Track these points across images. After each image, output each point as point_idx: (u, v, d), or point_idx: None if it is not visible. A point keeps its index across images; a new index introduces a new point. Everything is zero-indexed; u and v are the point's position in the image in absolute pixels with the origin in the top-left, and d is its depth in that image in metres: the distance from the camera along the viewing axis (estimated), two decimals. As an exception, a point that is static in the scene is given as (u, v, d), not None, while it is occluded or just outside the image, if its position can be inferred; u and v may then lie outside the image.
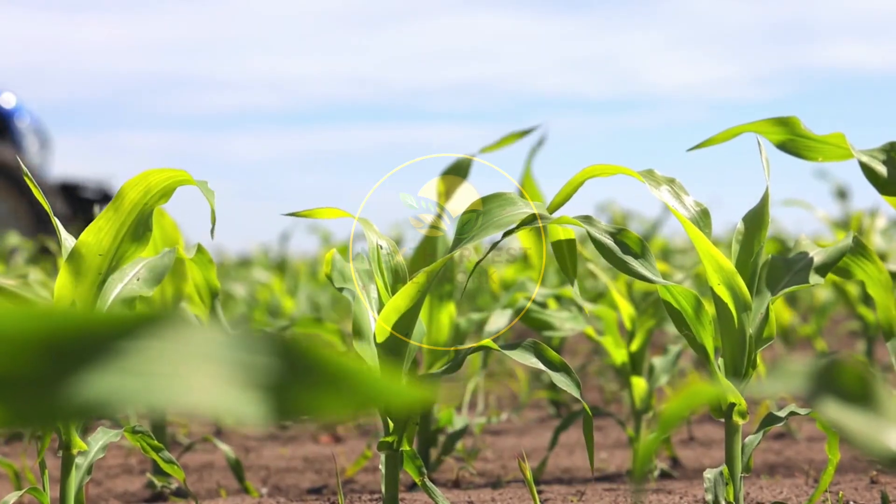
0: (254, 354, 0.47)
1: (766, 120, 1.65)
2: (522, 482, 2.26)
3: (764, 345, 1.56)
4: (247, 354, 0.47)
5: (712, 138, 1.68)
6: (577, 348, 4.91)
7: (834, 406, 0.62)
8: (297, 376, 0.47)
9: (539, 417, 3.32)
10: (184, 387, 0.46)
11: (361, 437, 3.00)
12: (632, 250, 1.48)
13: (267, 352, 0.47)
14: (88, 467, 1.55)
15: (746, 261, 1.57)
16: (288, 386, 0.47)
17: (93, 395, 0.45)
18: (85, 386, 0.46)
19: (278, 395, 0.47)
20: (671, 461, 2.46)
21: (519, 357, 1.47)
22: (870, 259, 1.70)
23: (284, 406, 0.46)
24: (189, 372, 0.46)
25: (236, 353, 0.47)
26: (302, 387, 0.47)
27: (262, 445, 2.92)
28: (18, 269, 3.83)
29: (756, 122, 1.64)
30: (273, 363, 0.47)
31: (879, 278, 1.70)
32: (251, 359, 0.47)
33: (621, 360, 2.37)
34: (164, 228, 2.19)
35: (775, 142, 1.66)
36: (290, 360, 0.47)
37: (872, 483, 2.01)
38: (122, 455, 2.75)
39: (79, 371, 0.46)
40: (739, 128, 1.66)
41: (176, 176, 1.48)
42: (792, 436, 2.78)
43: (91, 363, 0.46)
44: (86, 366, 0.46)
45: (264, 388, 0.46)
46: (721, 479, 1.54)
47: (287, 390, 0.47)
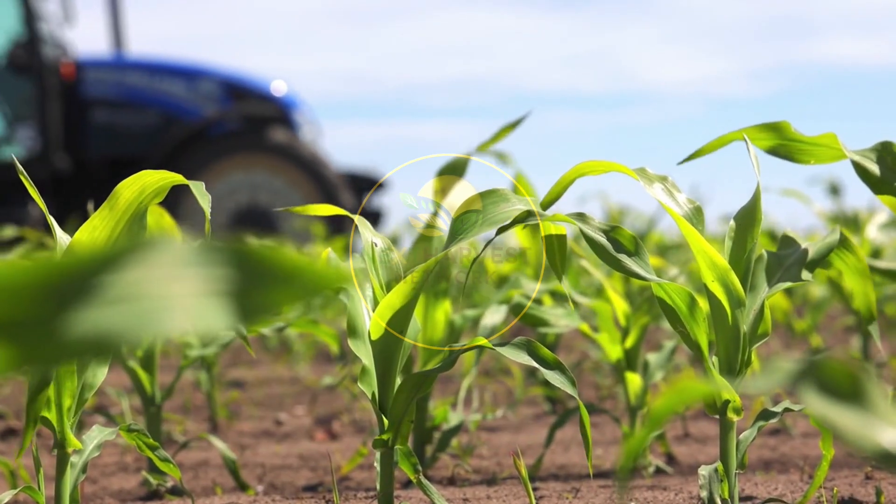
0: (216, 265, 0.53)
1: (755, 126, 1.65)
2: (518, 479, 2.27)
3: (759, 341, 1.57)
4: (209, 267, 0.53)
5: (702, 148, 1.69)
6: (573, 344, 4.91)
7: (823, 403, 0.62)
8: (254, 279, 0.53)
9: (535, 414, 3.32)
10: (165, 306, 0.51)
11: (357, 435, 3.00)
12: (625, 248, 1.48)
13: (226, 262, 0.53)
14: (83, 466, 1.55)
15: (740, 257, 1.58)
16: (247, 289, 0.52)
17: (87, 329, 0.50)
18: (79, 322, 0.50)
19: (240, 298, 0.52)
20: (666, 457, 2.46)
21: (512, 355, 1.47)
22: (850, 250, 1.71)
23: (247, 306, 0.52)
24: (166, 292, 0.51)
25: (201, 266, 0.53)
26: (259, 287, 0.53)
27: (258, 443, 2.92)
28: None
29: (745, 129, 1.65)
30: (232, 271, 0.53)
31: (857, 267, 1.71)
32: (215, 269, 0.53)
33: (616, 357, 2.37)
34: (161, 227, 2.19)
35: (765, 148, 1.67)
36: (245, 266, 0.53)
37: (867, 479, 2.02)
38: (117, 453, 2.75)
39: (72, 309, 0.51)
40: (729, 136, 1.67)
41: (170, 176, 1.48)
42: (787, 431, 2.79)
43: (80, 300, 0.51)
44: (77, 304, 0.51)
45: (228, 295, 0.52)
46: (716, 476, 1.54)
47: (247, 293, 0.52)
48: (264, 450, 2.79)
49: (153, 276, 0.52)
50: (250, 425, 3.24)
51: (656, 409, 0.66)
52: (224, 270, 0.53)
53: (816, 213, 3.96)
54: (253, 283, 0.53)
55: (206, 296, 0.51)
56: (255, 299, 0.52)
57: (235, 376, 4.39)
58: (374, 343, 1.54)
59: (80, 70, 9.51)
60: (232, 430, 3.16)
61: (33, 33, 9.09)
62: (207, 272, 0.52)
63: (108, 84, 9.57)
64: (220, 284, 0.52)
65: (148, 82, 9.60)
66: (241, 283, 0.52)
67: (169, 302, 0.51)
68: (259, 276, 0.53)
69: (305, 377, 4.27)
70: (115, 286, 0.51)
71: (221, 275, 0.53)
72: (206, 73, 9.64)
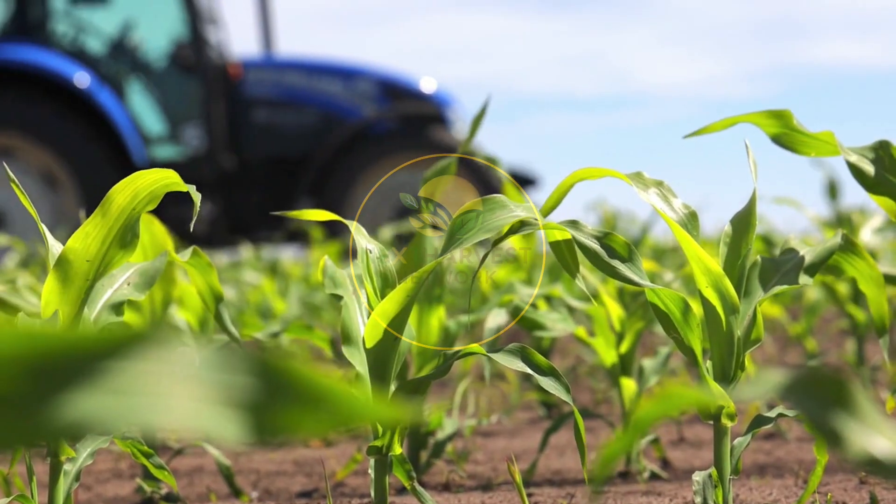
0: (233, 374, 0.48)
1: (761, 112, 1.65)
2: (513, 485, 2.26)
3: (752, 347, 1.57)
4: (226, 374, 0.48)
5: (709, 126, 1.68)
6: (568, 348, 4.91)
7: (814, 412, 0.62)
8: (277, 395, 0.48)
9: (530, 419, 3.32)
10: (165, 406, 0.46)
11: (352, 441, 3.00)
12: (618, 254, 1.48)
13: (246, 371, 0.48)
14: (77, 474, 1.55)
15: (734, 263, 1.58)
16: (267, 405, 0.47)
17: (76, 415, 0.46)
18: (68, 406, 0.47)
19: (257, 413, 0.47)
20: (661, 462, 2.46)
21: (506, 361, 1.47)
22: (860, 256, 1.70)
23: (263, 424, 0.47)
24: (170, 391, 0.47)
25: (216, 372, 0.48)
26: (281, 406, 0.48)
27: (253, 449, 2.92)
28: (7, 274, 3.82)
29: (753, 114, 1.65)
30: (252, 382, 0.48)
31: (871, 274, 1.70)
32: (230, 378, 0.48)
33: (611, 362, 2.37)
34: (153, 234, 2.19)
35: (771, 134, 1.66)
36: (269, 380, 0.48)
37: (861, 484, 2.02)
38: (111, 459, 2.74)
39: (62, 391, 0.47)
40: (736, 118, 1.66)
41: (164, 179, 1.47)
42: (782, 436, 2.79)
43: (74, 384, 0.47)
44: (69, 386, 0.47)
45: (243, 407, 0.47)
46: (710, 482, 1.54)
47: (266, 409, 0.47)
48: (259, 456, 2.79)
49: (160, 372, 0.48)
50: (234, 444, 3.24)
51: (640, 416, 0.66)
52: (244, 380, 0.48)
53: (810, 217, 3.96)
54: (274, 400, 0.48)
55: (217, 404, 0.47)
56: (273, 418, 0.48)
57: (231, 382, 4.38)
58: (368, 350, 1.53)
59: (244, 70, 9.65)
60: (227, 435, 3.16)
61: (198, 34, 9.24)
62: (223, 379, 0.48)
63: (267, 84, 9.68)
64: (235, 394, 0.48)
65: (307, 82, 9.70)
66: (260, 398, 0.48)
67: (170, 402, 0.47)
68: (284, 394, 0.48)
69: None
70: (117, 376, 0.47)
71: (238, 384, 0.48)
72: (362, 73, 9.73)
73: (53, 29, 9.28)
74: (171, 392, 0.47)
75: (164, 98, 9.42)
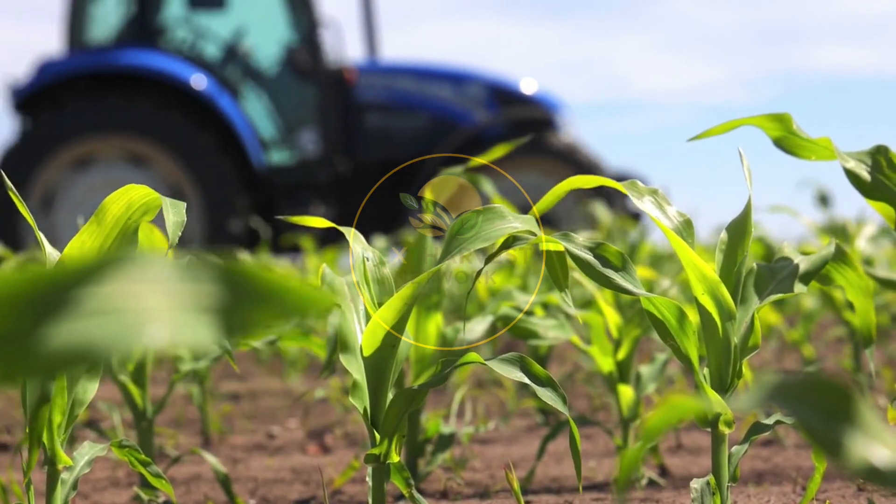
0: (200, 282, 0.53)
1: (764, 115, 1.65)
2: (511, 492, 2.26)
3: (749, 354, 1.57)
4: (194, 283, 0.53)
5: (712, 129, 1.68)
6: (566, 354, 4.91)
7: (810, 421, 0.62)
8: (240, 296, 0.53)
9: (527, 426, 3.32)
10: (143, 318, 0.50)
11: (349, 448, 3.00)
12: (612, 264, 1.48)
13: (211, 278, 0.53)
14: (74, 482, 1.55)
15: (730, 270, 1.58)
16: (233, 306, 0.53)
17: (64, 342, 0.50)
18: (55, 335, 0.50)
19: (225, 314, 0.52)
20: (659, 469, 2.46)
21: (504, 371, 1.47)
22: (850, 265, 1.70)
23: (231, 324, 0.52)
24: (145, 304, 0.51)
25: (185, 282, 0.53)
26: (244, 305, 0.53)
27: (250, 456, 2.91)
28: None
29: (755, 117, 1.65)
30: (218, 288, 0.53)
31: (860, 284, 1.70)
32: (198, 286, 0.53)
33: (608, 369, 2.37)
34: (152, 243, 2.18)
35: (773, 137, 1.66)
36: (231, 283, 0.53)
37: (860, 490, 2.02)
38: (109, 468, 2.74)
39: (50, 322, 0.51)
40: (739, 121, 1.66)
41: (154, 193, 1.48)
42: (780, 443, 2.79)
43: (57, 313, 0.51)
44: (52, 317, 0.51)
45: (212, 310, 0.52)
46: (708, 489, 1.54)
47: (232, 310, 0.52)
48: (256, 463, 2.78)
49: (135, 289, 0.52)
50: (243, 439, 3.24)
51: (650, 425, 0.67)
52: (210, 286, 0.53)
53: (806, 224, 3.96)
54: (238, 300, 0.53)
55: (189, 311, 0.51)
56: (239, 317, 0.53)
57: (228, 389, 4.38)
58: (365, 358, 1.53)
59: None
60: (224, 443, 3.15)
61: (314, 38, 9.29)
62: (192, 287, 0.52)
63: (378, 88, 9.74)
64: (205, 300, 0.52)
65: (417, 86, 9.75)
66: (225, 300, 0.53)
67: (149, 315, 0.51)
68: (245, 294, 0.53)
69: (298, 389, 4.26)
70: (95, 298, 0.51)
71: (206, 291, 0.53)
72: (471, 77, 9.78)
73: (173, 35, 9.31)
74: (146, 305, 0.51)
75: (278, 103, 9.44)
